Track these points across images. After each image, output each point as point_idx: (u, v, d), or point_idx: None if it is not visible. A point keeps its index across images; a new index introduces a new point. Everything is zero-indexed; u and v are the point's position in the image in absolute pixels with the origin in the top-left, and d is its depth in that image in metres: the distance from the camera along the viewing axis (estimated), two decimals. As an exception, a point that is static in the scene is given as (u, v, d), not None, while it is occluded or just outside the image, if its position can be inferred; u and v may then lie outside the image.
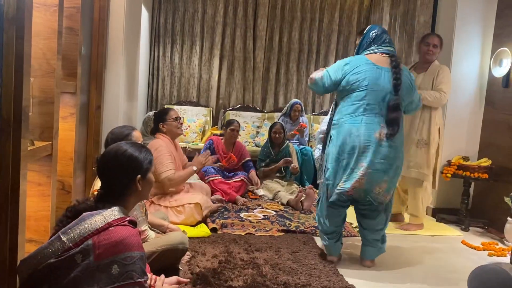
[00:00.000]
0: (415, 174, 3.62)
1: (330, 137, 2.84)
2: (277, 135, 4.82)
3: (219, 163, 4.56)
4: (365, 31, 2.92)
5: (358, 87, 2.70)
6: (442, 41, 3.75)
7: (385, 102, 2.69)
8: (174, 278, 1.91)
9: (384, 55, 2.79)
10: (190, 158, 4.55)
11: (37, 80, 1.98)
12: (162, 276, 1.84)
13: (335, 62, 6.32)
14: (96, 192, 1.66)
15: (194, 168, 3.53)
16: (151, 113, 4.45)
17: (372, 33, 2.86)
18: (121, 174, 1.60)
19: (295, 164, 4.75)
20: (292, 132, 5.28)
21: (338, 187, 2.72)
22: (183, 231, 3.05)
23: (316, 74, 2.88)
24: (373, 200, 2.73)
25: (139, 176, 1.62)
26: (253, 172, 4.67)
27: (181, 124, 3.62)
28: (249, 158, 4.77)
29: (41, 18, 1.98)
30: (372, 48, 2.83)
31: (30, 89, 1.72)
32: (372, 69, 2.72)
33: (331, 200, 2.77)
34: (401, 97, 2.71)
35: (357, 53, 2.92)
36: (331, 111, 2.99)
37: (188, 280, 2.23)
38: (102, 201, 1.57)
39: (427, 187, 3.71)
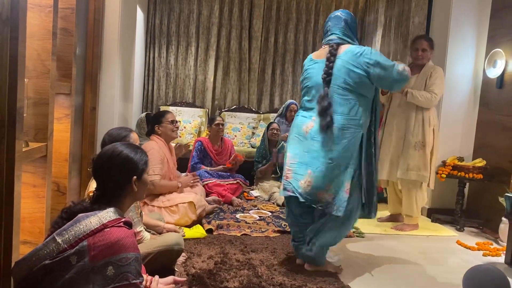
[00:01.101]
0: (415, 176, 3.62)
1: None
2: (274, 131, 4.83)
3: (222, 166, 4.57)
4: None
5: (303, 87, 2.75)
6: (432, 43, 3.74)
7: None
8: (170, 278, 1.91)
9: (325, 46, 2.71)
10: (186, 160, 4.56)
11: (32, 81, 1.98)
12: (156, 277, 1.84)
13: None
14: (91, 193, 1.65)
15: (179, 184, 3.59)
16: (143, 115, 4.46)
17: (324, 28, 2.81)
18: (116, 175, 1.60)
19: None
20: (287, 134, 5.29)
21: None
22: (179, 228, 3.06)
23: None
24: (305, 197, 2.56)
25: (134, 177, 1.62)
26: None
27: (177, 127, 3.62)
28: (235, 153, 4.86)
29: (36, 19, 1.98)
30: (322, 43, 2.79)
31: (25, 90, 1.72)
32: (311, 66, 2.71)
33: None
34: (339, 85, 2.55)
35: None
36: None
37: (185, 279, 2.23)
38: (97, 202, 1.56)
39: (422, 187, 3.72)
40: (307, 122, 2.63)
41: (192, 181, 3.76)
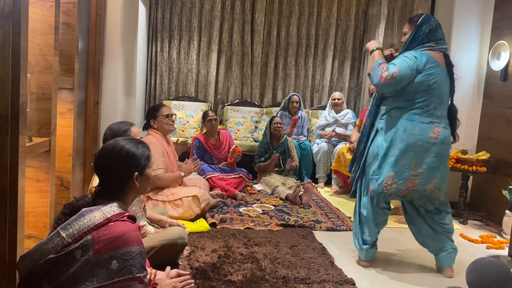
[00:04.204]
0: None
1: (376, 130, 2.74)
2: (278, 125, 4.83)
3: (224, 162, 4.58)
4: (418, 23, 2.67)
5: (427, 89, 2.58)
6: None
7: (443, 102, 2.64)
8: (174, 271, 1.92)
9: (441, 53, 2.65)
10: (186, 154, 4.56)
11: (35, 76, 1.98)
12: (168, 268, 1.85)
13: (333, 56, 6.36)
14: (94, 189, 1.65)
15: (182, 174, 3.58)
16: None
17: (426, 27, 2.65)
18: (118, 171, 1.59)
19: (294, 162, 4.82)
20: (289, 130, 5.29)
21: (392, 188, 2.62)
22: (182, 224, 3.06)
23: (385, 72, 2.58)
24: (426, 198, 2.66)
25: (136, 173, 1.61)
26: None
27: (173, 121, 3.59)
28: (235, 145, 4.83)
29: (38, 14, 1.97)
30: (429, 44, 2.64)
31: (28, 85, 1.72)
32: (440, 71, 2.61)
33: (379, 199, 2.69)
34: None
35: (408, 47, 2.70)
36: (371, 104, 2.83)
37: (189, 273, 2.24)
38: (100, 198, 1.56)
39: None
40: (433, 128, 2.58)
41: (193, 167, 3.67)
